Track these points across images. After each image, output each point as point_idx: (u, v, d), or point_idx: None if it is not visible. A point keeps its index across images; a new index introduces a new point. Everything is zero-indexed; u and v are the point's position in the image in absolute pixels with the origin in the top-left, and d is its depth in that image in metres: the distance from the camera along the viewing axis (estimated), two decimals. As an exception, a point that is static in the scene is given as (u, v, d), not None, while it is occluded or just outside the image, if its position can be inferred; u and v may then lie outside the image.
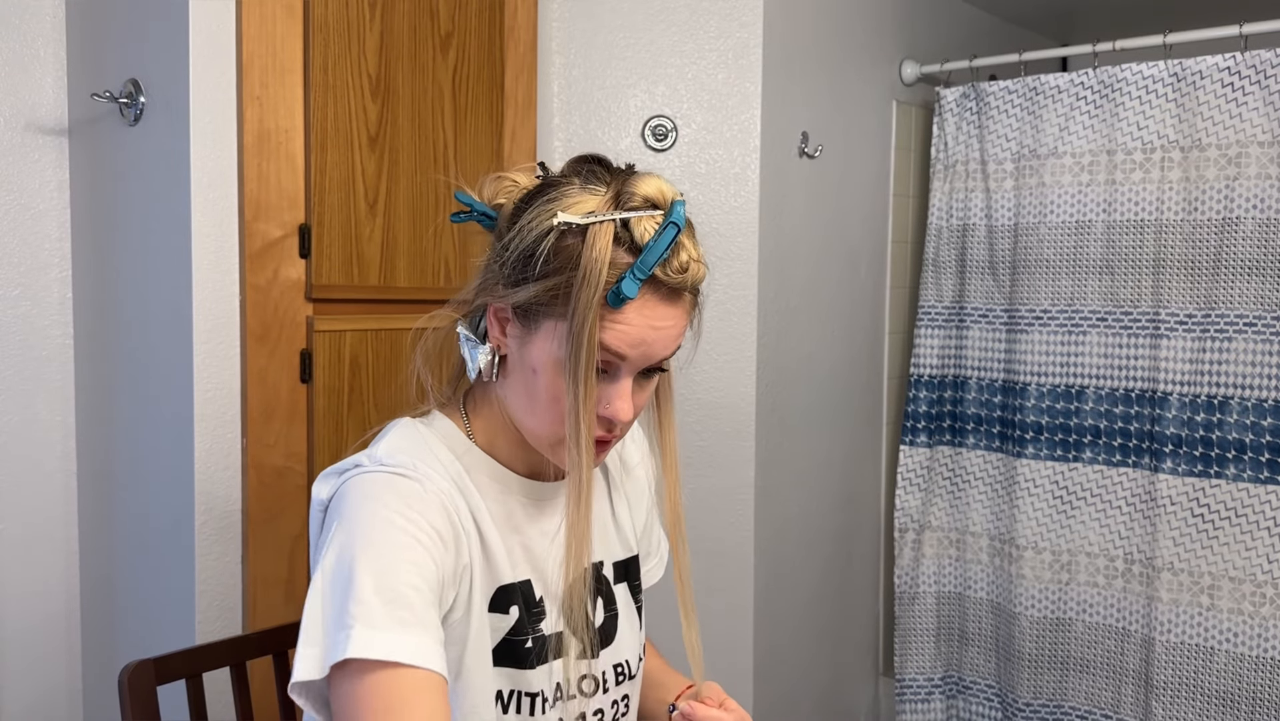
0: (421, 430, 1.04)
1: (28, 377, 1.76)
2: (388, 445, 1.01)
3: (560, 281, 0.93)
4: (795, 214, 2.24)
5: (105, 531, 1.75)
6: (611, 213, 0.93)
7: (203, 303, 1.51)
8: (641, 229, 0.93)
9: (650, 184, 0.95)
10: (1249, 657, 2.16)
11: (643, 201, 0.94)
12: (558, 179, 0.99)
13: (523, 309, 0.97)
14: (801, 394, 2.30)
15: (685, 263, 0.94)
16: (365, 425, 1.66)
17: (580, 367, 0.92)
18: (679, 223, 0.93)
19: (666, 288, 0.94)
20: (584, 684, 1.08)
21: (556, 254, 0.93)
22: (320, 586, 0.90)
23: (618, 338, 0.94)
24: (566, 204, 0.94)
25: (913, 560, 2.58)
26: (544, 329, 0.95)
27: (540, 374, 0.97)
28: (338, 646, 0.87)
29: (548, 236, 0.94)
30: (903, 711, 2.59)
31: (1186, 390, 2.21)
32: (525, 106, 1.90)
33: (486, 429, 1.06)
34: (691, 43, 2.09)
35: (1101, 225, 2.30)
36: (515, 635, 1.02)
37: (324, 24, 1.58)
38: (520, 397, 1.00)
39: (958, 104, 2.49)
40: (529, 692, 1.03)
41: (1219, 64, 2.13)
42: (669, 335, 0.96)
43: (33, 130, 1.74)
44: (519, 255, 0.95)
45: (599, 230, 0.92)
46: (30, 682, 1.79)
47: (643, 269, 0.91)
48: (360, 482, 0.97)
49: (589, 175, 0.97)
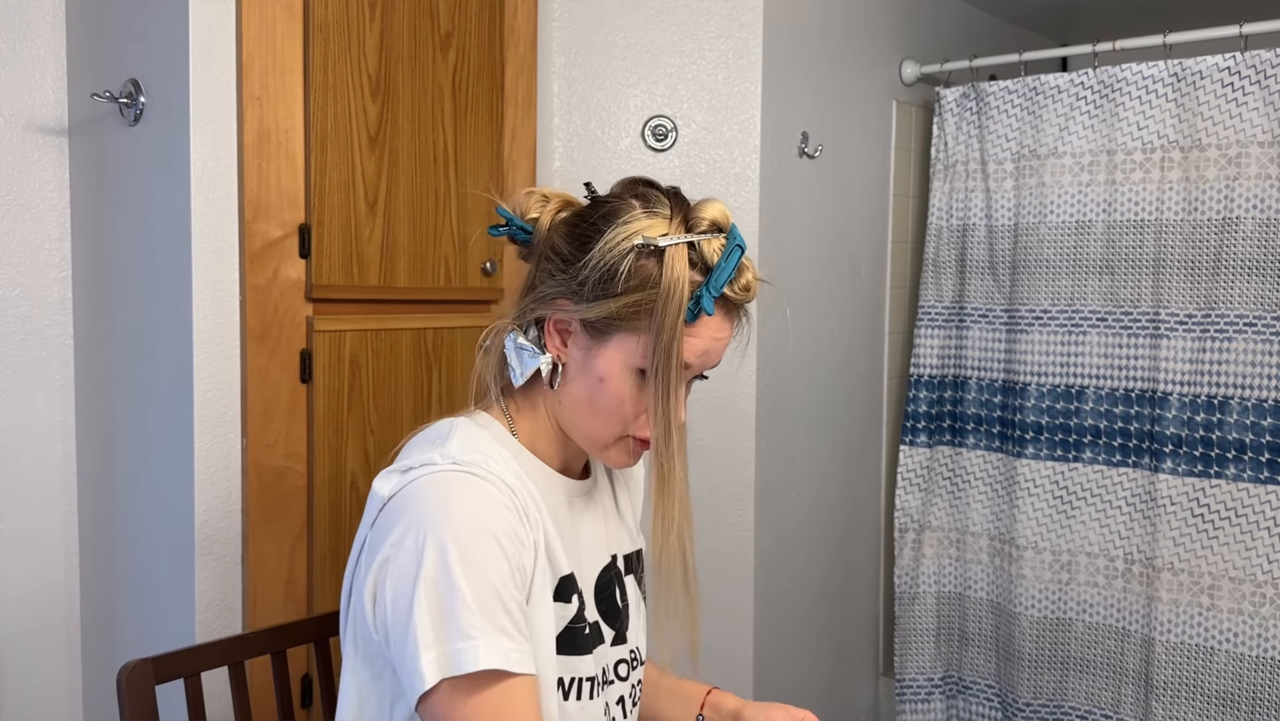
0: (480, 430, 1.09)
1: (28, 378, 1.76)
2: (460, 443, 1.05)
3: (641, 299, 1.01)
4: (795, 214, 2.24)
5: (105, 531, 1.75)
6: (685, 235, 1.02)
7: (203, 303, 1.51)
8: (711, 251, 1.02)
9: (714, 208, 1.05)
10: (1249, 657, 2.16)
11: (709, 225, 1.04)
12: (616, 201, 1.06)
13: (595, 323, 1.03)
14: (801, 394, 2.30)
15: (749, 281, 1.05)
16: (365, 425, 1.66)
17: (670, 379, 1.01)
18: (742, 245, 1.03)
19: (731, 304, 1.05)
20: (620, 668, 1.15)
21: (635, 273, 1.01)
22: (425, 594, 0.94)
23: (689, 349, 1.03)
24: (640, 226, 1.02)
25: (913, 560, 2.58)
26: (617, 340, 1.03)
27: (608, 382, 1.04)
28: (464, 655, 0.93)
29: (628, 256, 1.01)
30: (903, 711, 2.59)
31: (1186, 390, 2.21)
32: (525, 106, 1.90)
33: (529, 429, 1.12)
34: (691, 43, 2.09)
35: (1101, 225, 2.30)
36: (576, 623, 1.08)
37: (324, 24, 1.58)
38: (581, 403, 1.07)
39: (958, 104, 2.49)
40: (588, 677, 1.09)
41: (1219, 64, 2.13)
42: (724, 346, 1.07)
43: (33, 130, 1.75)
44: (599, 275, 1.02)
45: (676, 251, 1.01)
46: (30, 682, 1.79)
47: (716, 287, 1.01)
48: (438, 481, 1.00)
49: (651, 199, 1.06)
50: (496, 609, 0.95)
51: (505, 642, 0.94)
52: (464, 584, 0.93)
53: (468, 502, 0.98)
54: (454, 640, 0.92)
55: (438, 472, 1.00)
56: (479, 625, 0.93)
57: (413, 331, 1.72)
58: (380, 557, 0.98)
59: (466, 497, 0.98)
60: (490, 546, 0.96)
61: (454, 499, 0.98)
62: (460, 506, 0.97)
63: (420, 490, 0.99)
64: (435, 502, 0.97)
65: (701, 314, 1.01)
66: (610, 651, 1.13)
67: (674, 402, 1.02)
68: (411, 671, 0.94)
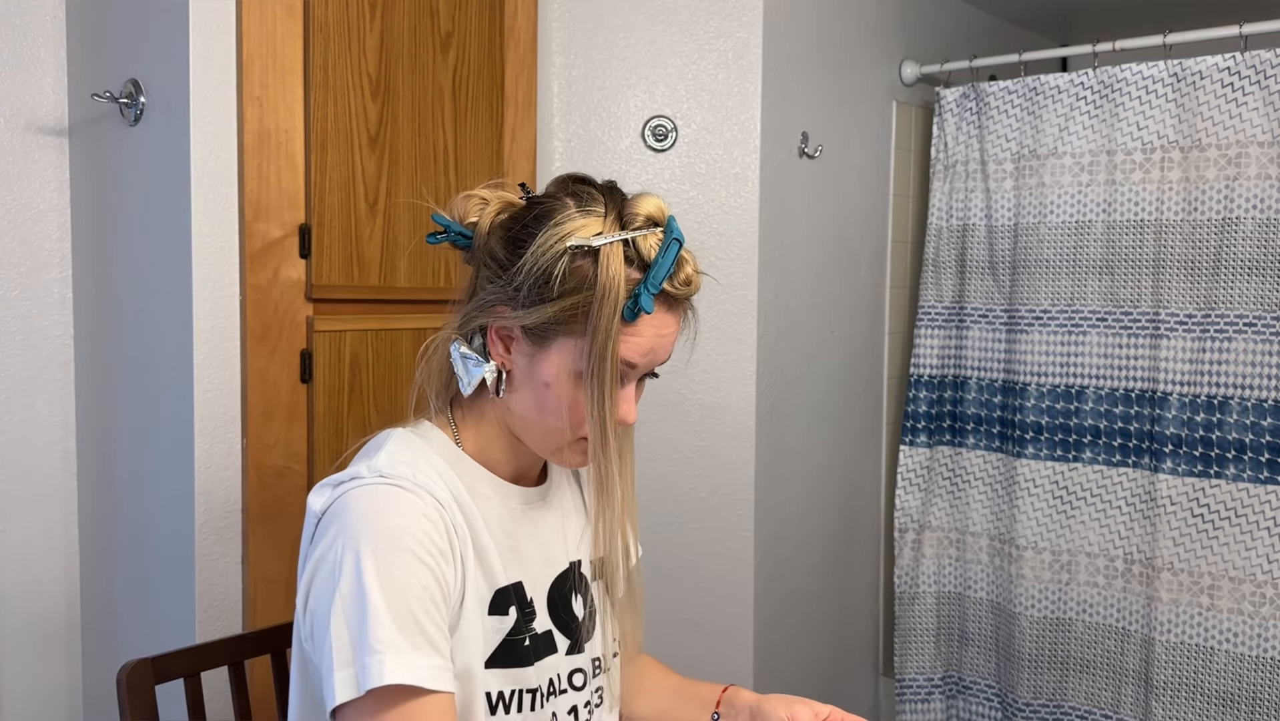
0: (416, 440, 1.07)
1: (28, 378, 1.76)
2: (387, 455, 1.03)
3: (577, 301, 0.99)
4: (795, 214, 2.24)
5: (105, 531, 1.75)
6: (619, 233, 0.99)
7: (203, 303, 1.51)
8: (647, 246, 1.00)
9: (649, 203, 1.02)
10: (1249, 657, 2.16)
11: (645, 220, 1.01)
12: (549, 201, 1.04)
13: (535, 329, 1.01)
14: (801, 394, 2.30)
15: (689, 275, 1.02)
16: (365, 425, 1.66)
17: (605, 378, 0.99)
18: (680, 239, 1.00)
19: (673, 299, 1.02)
20: (575, 677, 1.12)
21: (570, 276, 0.99)
22: (341, 609, 0.93)
23: (631, 348, 1.01)
24: (572, 227, 1.00)
25: (913, 560, 2.58)
26: (557, 345, 1.01)
27: (554, 386, 1.02)
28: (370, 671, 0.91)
29: (561, 259, 0.99)
30: (903, 711, 2.59)
31: (1186, 390, 2.21)
32: (525, 106, 1.90)
33: (476, 437, 1.10)
34: (691, 43, 2.09)
35: (1101, 225, 2.30)
36: (515, 635, 1.06)
37: (324, 24, 1.58)
38: (529, 409, 1.05)
39: (958, 104, 2.49)
40: (529, 689, 1.06)
41: (1219, 64, 2.13)
42: (670, 342, 1.05)
43: (33, 130, 1.75)
44: (533, 280, 1.00)
45: (611, 250, 0.98)
46: (30, 682, 1.79)
47: (655, 284, 0.99)
48: (361, 496, 0.99)
49: (584, 197, 1.03)
50: (409, 623, 0.93)
51: (417, 658, 0.92)
52: (378, 598, 0.92)
53: (387, 516, 0.96)
54: (362, 655, 0.91)
55: (363, 486, 0.99)
56: (388, 640, 0.91)
57: (413, 331, 1.72)
58: (308, 573, 0.98)
59: (386, 511, 0.97)
60: (408, 560, 0.95)
61: (374, 512, 0.96)
62: (379, 520, 0.96)
63: (345, 505, 0.98)
64: (356, 517, 0.96)
65: (641, 312, 0.98)
66: (563, 661, 1.11)
67: (609, 404, 0.99)
68: (325, 686, 0.93)
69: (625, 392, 1.03)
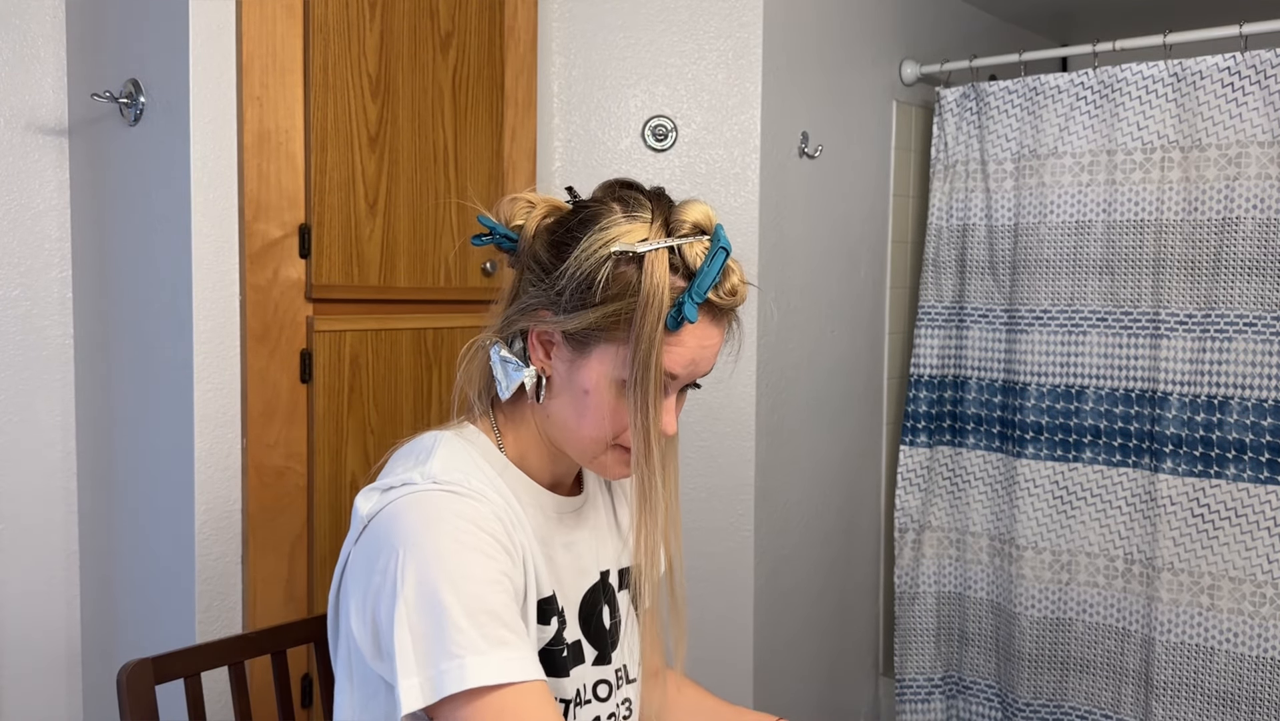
0: (465, 446, 1.05)
1: (28, 378, 1.76)
2: (441, 462, 1.01)
3: (620, 308, 0.97)
4: (795, 214, 2.24)
5: (105, 531, 1.75)
6: (665, 240, 0.97)
7: (203, 303, 1.51)
8: (694, 254, 0.97)
9: (697, 210, 0.99)
10: (1249, 657, 2.16)
11: (691, 228, 0.98)
12: (596, 205, 1.02)
13: (576, 334, 0.99)
14: (801, 394, 2.30)
15: (735, 285, 0.99)
16: (365, 425, 1.66)
17: (649, 390, 0.97)
18: (727, 247, 0.98)
19: (718, 309, 1.00)
20: (599, 688, 1.11)
21: (614, 281, 0.97)
22: (406, 616, 0.91)
23: (674, 359, 0.99)
24: (618, 232, 0.98)
25: (913, 560, 2.58)
26: (598, 352, 0.99)
27: (593, 394, 1.00)
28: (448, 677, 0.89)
29: (605, 265, 0.97)
30: (903, 711, 2.59)
31: (1186, 390, 2.21)
32: (525, 106, 1.90)
33: (517, 443, 1.09)
34: (691, 43, 2.09)
35: (1101, 225, 2.30)
36: (554, 645, 1.05)
37: (324, 24, 1.58)
38: (569, 416, 1.03)
39: (958, 104, 2.49)
40: (563, 699, 1.06)
41: (1219, 64, 2.13)
42: (713, 353, 1.02)
43: (33, 130, 1.75)
44: (576, 285, 0.98)
45: (656, 257, 0.96)
46: (30, 682, 1.79)
47: (699, 293, 0.96)
48: (417, 502, 0.97)
49: (631, 202, 1.01)
50: (486, 620, 0.91)
51: (503, 653, 0.91)
52: (450, 599, 0.90)
53: (449, 520, 0.95)
54: (439, 661, 0.89)
55: (417, 493, 0.97)
56: (469, 642, 0.90)
57: (413, 331, 1.72)
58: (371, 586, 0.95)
59: (447, 516, 0.95)
60: (475, 558, 0.93)
61: (434, 518, 0.95)
62: (441, 525, 0.94)
63: (400, 510, 0.96)
64: (415, 524, 0.94)
65: (685, 321, 0.96)
66: (590, 671, 1.10)
67: (654, 414, 0.97)
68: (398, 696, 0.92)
69: (667, 403, 1.01)
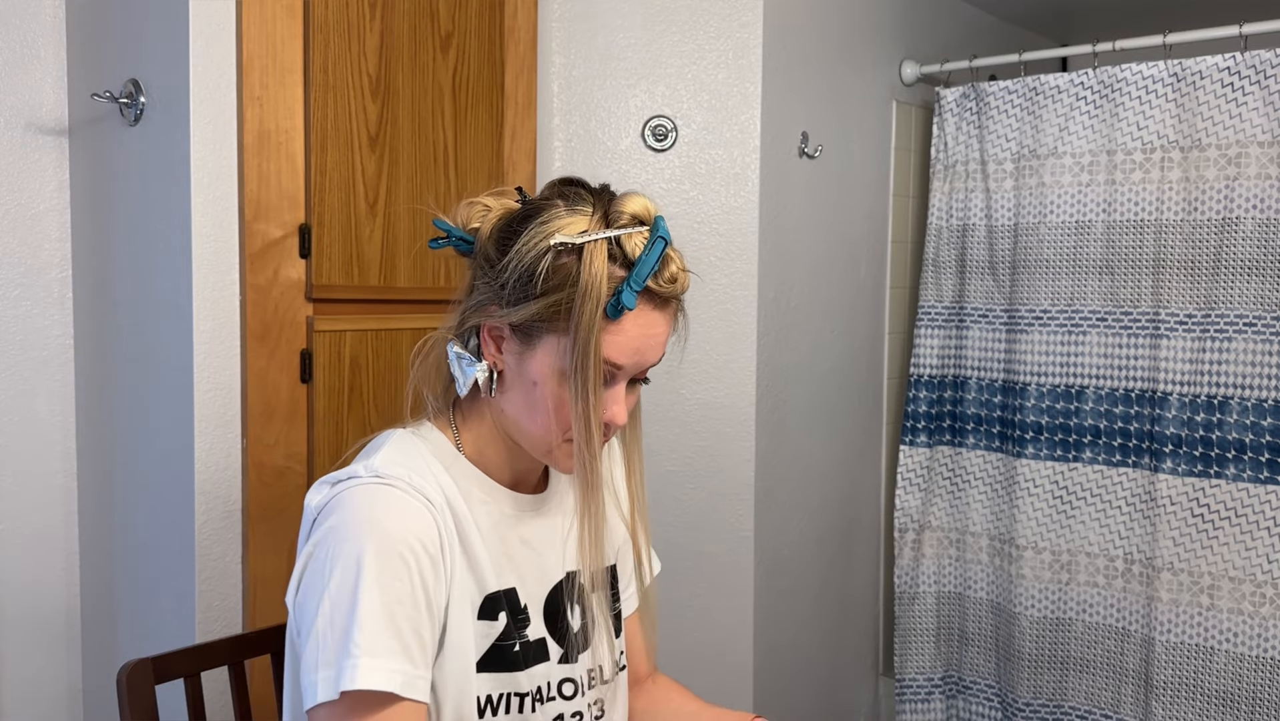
0: (416, 442, 1.08)
1: (28, 378, 1.76)
2: (384, 457, 1.04)
3: (560, 298, 0.99)
4: (795, 214, 2.24)
5: (105, 531, 1.75)
6: (604, 231, 0.99)
7: (203, 303, 1.51)
8: (632, 245, 1.00)
9: (636, 202, 1.02)
10: (1249, 657, 2.16)
11: (630, 219, 1.01)
12: (541, 202, 1.05)
13: (522, 327, 1.02)
14: (801, 394, 2.30)
15: (675, 273, 1.02)
16: (365, 425, 1.66)
17: (588, 377, 0.98)
18: (666, 237, 1.00)
19: (659, 297, 1.02)
20: (564, 687, 1.12)
21: (554, 273, 0.99)
22: (328, 610, 0.94)
23: (617, 347, 1.00)
24: (558, 225, 1.00)
25: (913, 560, 2.58)
26: (544, 344, 1.01)
27: (541, 385, 1.02)
28: (342, 675, 0.92)
29: (545, 257, 0.99)
30: (903, 711, 2.59)
31: (1186, 390, 2.21)
32: (525, 106, 1.90)
33: (475, 440, 1.10)
34: (691, 43, 2.09)
35: (1101, 225, 2.30)
36: (504, 640, 1.06)
37: (324, 24, 1.58)
38: (520, 409, 1.05)
39: (958, 104, 2.49)
40: (519, 693, 1.07)
41: (1219, 64, 2.13)
42: (659, 342, 1.04)
43: (33, 130, 1.75)
44: (517, 276, 1.01)
45: (595, 248, 0.99)
46: (31, 682, 1.79)
47: (638, 281, 0.98)
48: (356, 495, 0.99)
49: (573, 197, 1.04)
50: (389, 629, 0.94)
51: (391, 663, 0.93)
52: (364, 600, 0.93)
53: (380, 520, 0.97)
54: (341, 657, 0.92)
55: (359, 485, 1.00)
56: (367, 644, 0.92)
57: (413, 331, 1.72)
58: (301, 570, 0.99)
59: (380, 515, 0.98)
60: (397, 567, 0.96)
61: (367, 516, 0.97)
62: (372, 524, 0.97)
63: (340, 504, 0.99)
64: (349, 518, 0.97)
65: (624, 309, 0.98)
66: (555, 669, 1.10)
67: (594, 401, 0.99)
68: (306, 683, 0.94)
69: (614, 393, 1.03)
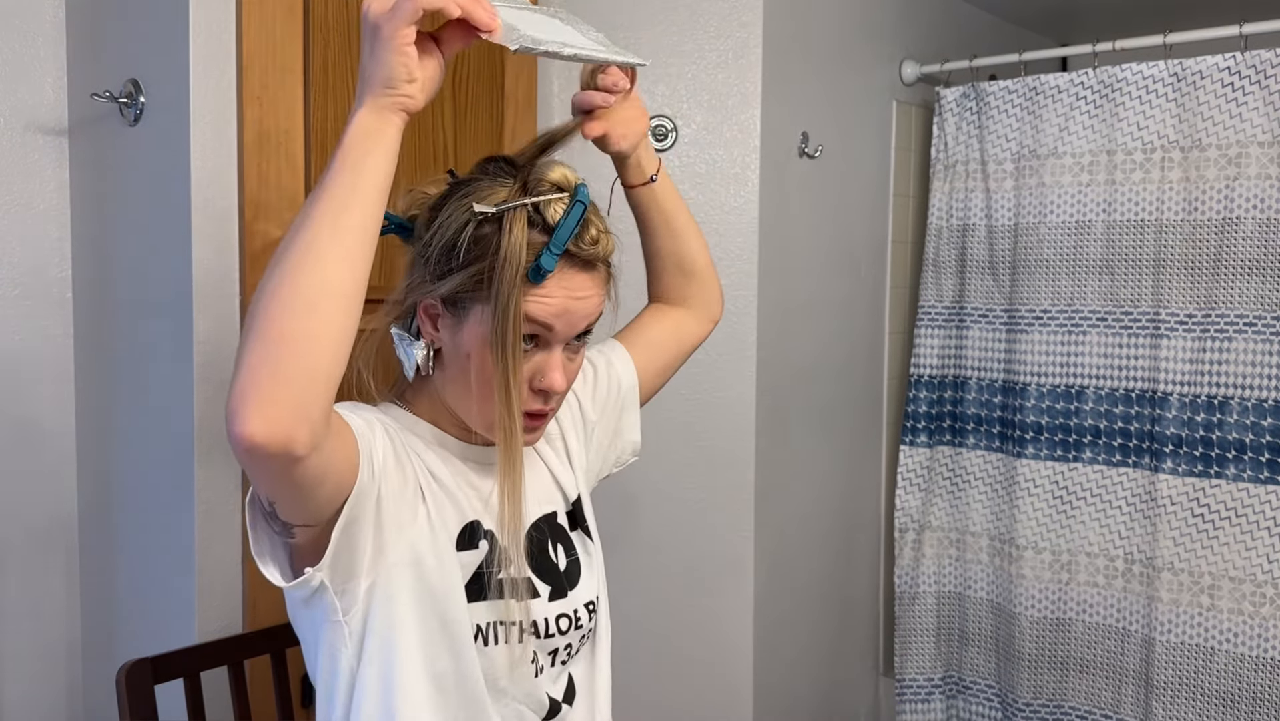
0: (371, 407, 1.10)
1: (28, 377, 1.76)
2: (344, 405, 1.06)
3: (483, 267, 1.01)
4: (795, 214, 2.23)
5: (105, 531, 1.75)
6: (522, 199, 1.01)
7: (203, 302, 1.51)
8: (552, 210, 1.02)
9: (555, 171, 1.04)
10: (1249, 657, 2.16)
11: (550, 186, 1.03)
12: (466, 179, 1.07)
13: (451, 300, 1.04)
14: (801, 394, 2.30)
15: (595, 236, 1.04)
16: (365, 425, 1.66)
17: (507, 340, 1.00)
18: (585, 201, 1.02)
19: (581, 260, 1.04)
20: (560, 621, 1.14)
21: (476, 243, 1.01)
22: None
23: (542, 310, 1.02)
24: (479, 196, 1.02)
25: (913, 560, 2.58)
26: (473, 314, 1.03)
27: (474, 356, 1.04)
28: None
29: (466, 228, 1.02)
30: (903, 711, 2.59)
31: (1186, 390, 2.21)
32: (525, 106, 1.90)
33: (428, 415, 1.12)
34: (691, 43, 2.09)
35: (1101, 225, 2.30)
36: (488, 567, 1.08)
37: (324, 24, 1.58)
38: (458, 384, 1.07)
39: (958, 104, 2.49)
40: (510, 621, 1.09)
41: (1219, 64, 2.13)
42: (589, 305, 1.06)
43: (33, 130, 1.74)
44: (441, 249, 1.03)
45: (514, 215, 1.00)
46: (31, 682, 1.79)
47: (557, 244, 1.00)
48: None
49: (496, 170, 1.06)
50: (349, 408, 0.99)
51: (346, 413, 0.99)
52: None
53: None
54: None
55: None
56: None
57: (413, 331, 1.72)
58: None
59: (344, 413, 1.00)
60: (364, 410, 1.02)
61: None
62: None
63: None
64: None
65: (545, 272, 1.00)
66: (548, 606, 1.13)
67: (512, 363, 1.00)
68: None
69: (551, 359, 1.05)
